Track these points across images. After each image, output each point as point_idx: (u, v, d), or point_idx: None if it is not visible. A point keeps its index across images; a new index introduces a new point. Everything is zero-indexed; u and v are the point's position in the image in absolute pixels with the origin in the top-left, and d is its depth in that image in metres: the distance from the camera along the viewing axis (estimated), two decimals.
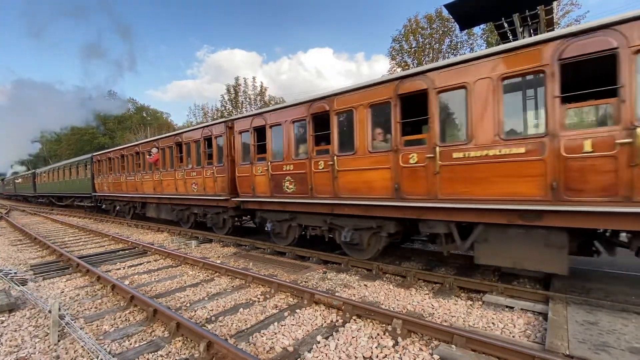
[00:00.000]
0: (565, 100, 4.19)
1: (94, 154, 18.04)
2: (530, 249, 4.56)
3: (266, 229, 8.23)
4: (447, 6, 8.76)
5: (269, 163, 7.67)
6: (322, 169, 6.56)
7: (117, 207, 15.89)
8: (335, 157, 6.34)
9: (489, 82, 4.62)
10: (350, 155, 6.16)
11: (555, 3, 9.59)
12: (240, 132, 8.54)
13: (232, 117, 9.28)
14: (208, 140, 9.83)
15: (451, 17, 13.86)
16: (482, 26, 21.08)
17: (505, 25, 9.37)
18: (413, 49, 25.05)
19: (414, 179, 5.33)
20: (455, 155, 4.89)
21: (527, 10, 8.83)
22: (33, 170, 32.80)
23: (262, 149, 7.99)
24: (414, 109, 5.48)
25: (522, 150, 4.37)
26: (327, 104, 6.51)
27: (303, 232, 7.65)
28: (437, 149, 5.02)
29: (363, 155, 5.96)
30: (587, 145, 3.94)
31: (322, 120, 6.73)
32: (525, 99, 5.81)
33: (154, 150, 12.04)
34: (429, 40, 24.69)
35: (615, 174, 3.79)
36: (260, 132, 8.03)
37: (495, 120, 4.58)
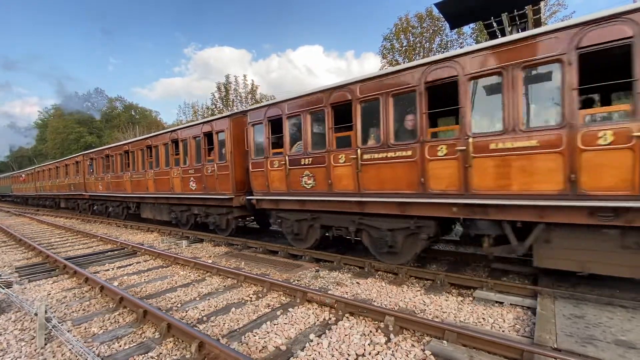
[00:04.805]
0: None
1: (12, 173, 35.04)
2: None
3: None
4: (437, 5, 8.81)
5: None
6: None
7: (19, 201, 32.64)
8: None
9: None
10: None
11: (542, 3, 9.72)
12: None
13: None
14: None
15: (441, 16, 13.95)
16: (472, 25, 21.30)
17: (494, 24, 9.48)
18: (404, 48, 25.16)
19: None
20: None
21: (515, 10, 8.94)
22: None
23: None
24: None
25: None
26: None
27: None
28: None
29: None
30: None
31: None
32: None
33: (23, 175, 26.78)
34: (419, 39, 24.79)
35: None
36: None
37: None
